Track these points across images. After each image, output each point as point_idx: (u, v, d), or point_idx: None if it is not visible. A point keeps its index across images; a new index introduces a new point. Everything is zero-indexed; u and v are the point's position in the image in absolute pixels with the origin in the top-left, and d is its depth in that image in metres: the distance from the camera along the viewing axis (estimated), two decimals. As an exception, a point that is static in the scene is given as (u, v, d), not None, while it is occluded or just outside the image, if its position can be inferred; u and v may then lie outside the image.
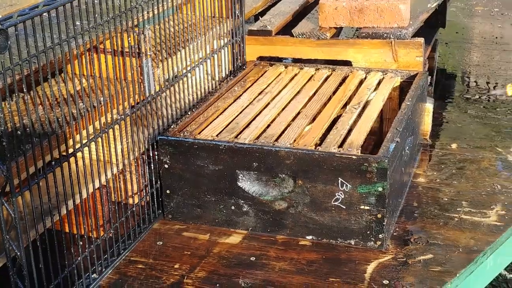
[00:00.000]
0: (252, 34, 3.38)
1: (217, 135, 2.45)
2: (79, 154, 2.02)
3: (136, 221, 2.39)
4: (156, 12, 2.41)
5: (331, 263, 2.21)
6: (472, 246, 2.28)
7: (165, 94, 2.49)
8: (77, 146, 2.01)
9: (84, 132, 2.04)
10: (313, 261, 2.23)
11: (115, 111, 2.20)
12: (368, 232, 2.26)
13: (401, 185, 2.51)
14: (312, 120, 2.58)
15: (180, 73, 2.58)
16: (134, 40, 2.26)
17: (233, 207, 2.40)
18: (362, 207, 2.24)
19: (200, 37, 2.71)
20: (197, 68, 2.72)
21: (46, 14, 1.80)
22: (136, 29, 2.28)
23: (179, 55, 2.56)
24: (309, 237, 2.34)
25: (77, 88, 2.05)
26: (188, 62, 2.64)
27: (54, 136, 1.92)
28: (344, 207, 2.26)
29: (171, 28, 2.66)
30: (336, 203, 2.27)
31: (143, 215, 2.42)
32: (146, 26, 2.30)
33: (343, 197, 2.26)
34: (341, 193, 2.25)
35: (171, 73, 2.52)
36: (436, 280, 2.11)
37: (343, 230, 2.29)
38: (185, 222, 2.47)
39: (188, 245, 2.34)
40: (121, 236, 2.30)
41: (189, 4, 2.77)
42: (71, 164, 1.97)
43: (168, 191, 2.45)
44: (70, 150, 1.98)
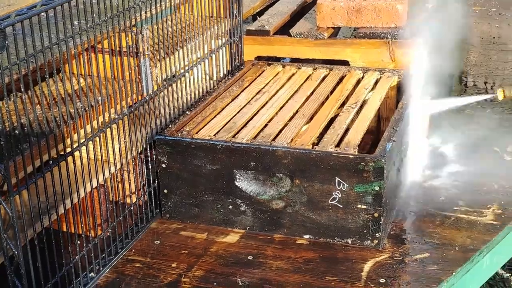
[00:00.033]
0: (250, 34, 3.39)
1: (215, 135, 2.45)
2: (77, 154, 2.02)
3: (134, 220, 2.39)
4: (154, 12, 2.41)
5: (328, 262, 2.22)
6: (469, 245, 2.29)
7: (163, 94, 2.50)
8: (75, 146, 2.01)
9: (82, 132, 2.05)
10: (310, 260, 2.24)
11: (113, 111, 2.20)
12: (365, 231, 2.27)
13: (398, 184, 2.51)
14: (310, 120, 2.59)
15: (178, 73, 2.59)
16: (132, 40, 2.26)
17: (231, 207, 2.41)
18: (359, 206, 2.25)
19: (198, 37, 2.72)
20: (195, 68, 2.72)
21: (44, 14, 1.80)
22: (134, 29, 2.28)
23: (177, 55, 2.56)
24: (306, 236, 2.35)
25: (75, 88, 2.06)
26: (186, 62, 2.64)
27: (52, 136, 1.92)
28: (341, 206, 2.27)
29: (169, 28, 2.67)
30: (333, 202, 2.28)
31: (141, 215, 2.42)
32: (144, 26, 2.31)
33: (340, 196, 2.26)
34: (338, 192, 2.26)
35: (169, 73, 2.53)
36: (433, 279, 2.12)
37: (340, 229, 2.30)
38: (183, 221, 2.47)
39: (186, 244, 2.35)
40: (119, 235, 2.31)
41: (187, 4, 2.78)
42: (69, 163, 1.98)
43: (166, 191, 2.46)
44: (68, 150, 1.99)
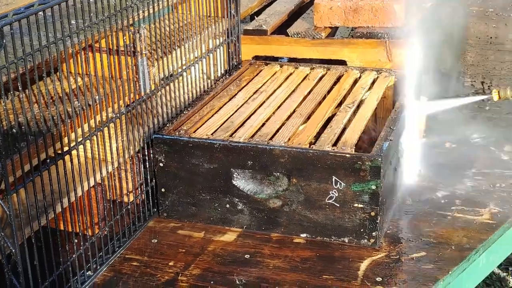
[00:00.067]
0: (248, 34, 3.40)
1: (212, 134, 2.46)
2: (74, 152, 2.03)
3: (131, 219, 2.40)
4: (152, 11, 2.42)
5: (325, 261, 2.23)
6: (465, 244, 2.29)
7: (161, 93, 2.50)
8: (72, 144, 2.02)
9: (79, 130, 2.05)
10: (307, 259, 2.24)
11: (110, 110, 2.21)
12: (362, 230, 2.28)
13: (395, 183, 2.52)
14: (307, 119, 2.59)
15: (176, 72, 2.60)
16: (130, 39, 2.27)
17: (228, 205, 2.41)
18: (356, 205, 2.26)
19: (196, 36, 2.73)
20: (193, 67, 2.73)
21: (42, 13, 1.81)
22: (132, 28, 2.29)
23: (175, 54, 2.57)
24: (303, 235, 2.36)
25: (72, 87, 2.06)
26: (184, 61, 2.65)
27: (49, 134, 1.93)
28: (338, 205, 2.28)
29: (167, 27, 2.67)
30: (330, 201, 2.29)
31: (138, 213, 2.43)
32: (142, 25, 2.31)
33: (337, 195, 2.27)
34: (335, 191, 2.27)
35: (167, 72, 2.53)
36: (429, 278, 2.12)
37: (337, 228, 2.31)
38: (180, 220, 2.48)
39: (183, 243, 2.35)
40: (116, 234, 2.31)
41: (185, 3, 2.78)
42: (66, 162, 1.98)
43: (163, 190, 2.46)
44: (65, 148, 1.99)
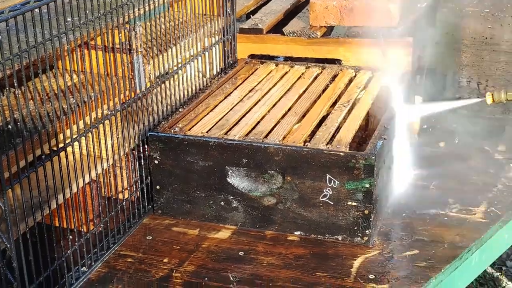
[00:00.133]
0: (244, 32, 3.40)
1: (207, 132, 2.47)
2: (69, 149, 2.04)
3: (126, 216, 2.41)
4: (148, 9, 2.43)
5: (319, 258, 2.24)
6: (458, 242, 2.31)
7: (156, 91, 2.51)
8: (68, 141, 2.03)
9: (75, 127, 2.06)
10: (301, 256, 2.26)
11: (106, 107, 2.22)
12: (355, 228, 2.29)
13: (389, 182, 2.53)
14: (302, 118, 2.61)
15: (171, 70, 2.61)
16: (125, 37, 2.28)
17: (223, 203, 2.42)
18: (350, 203, 2.27)
19: (192, 35, 2.74)
20: (188, 65, 2.74)
21: (38, 10, 1.82)
22: (127, 26, 2.30)
23: (170, 52, 2.58)
24: (297, 233, 2.37)
25: (68, 84, 2.07)
26: (179, 59, 2.66)
27: (45, 131, 1.94)
28: (332, 203, 2.29)
29: (163, 25, 2.68)
30: (324, 199, 2.30)
31: (133, 210, 2.44)
32: (137, 23, 2.32)
33: (331, 193, 2.28)
34: (329, 189, 2.28)
35: (162, 70, 2.54)
36: (421, 275, 2.14)
37: (331, 226, 2.32)
38: (175, 217, 2.49)
39: (178, 240, 2.36)
40: (111, 231, 2.32)
41: (181, 2, 2.79)
42: (62, 159, 1.99)
43: (158, 187, 2.48)
44: (61, 145, 2.00)
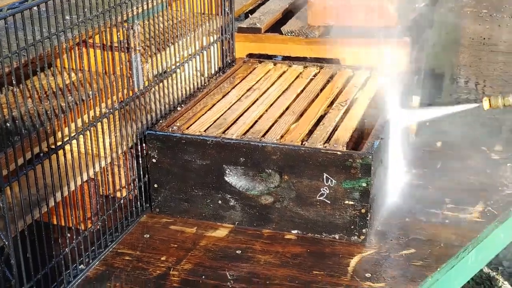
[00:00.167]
0: (242, 32, 3.42)
1: (205, 131, 2.47)
2: (68, 147, 2.05)
3: (124, 214, 2.41)
4: (146, 8, 2.44)
5: (315, 257, 2.25)
6: (454, 242, 2.32)
7: (154, 89, 2.52)
8: (66, 139, 2.03)
9: (73, 125, 2.07)
10: (298, 255, 2.26)
11: (104, 105, 2.23)
12: (352, 227, 2.30)
13: (386, 181, 2.54)
14: (299, 117, 2.61)
15: (169, 69, 2.61)
16: (123, 35, 2.28)
17: (220, 202, 2.43)
18: (347, 202, 2.28)
19: (190, 34, 2.74)
20: (186, 64, 2.74)
21: (36, 8, 1.82)
22: (126, 24, 2.30)
23: (168, 51, 2.59)
24: (295, 231, 2.38)
25: (66, 82, 2.08)
26: (177, 58, 2.67)
27: (43, 129, 1.94)
28: (329, 202, 2.30)
29: (161, 24, 2.69)
30: (321, 198, 2.31)
31: (131, 209, 2.45)
32: (136, 22, 2.33)
33: (328, 192, 2.29)
34: (326, 188, 2.29)
35: (160, 69, 2.55)
36: (418, 274, 2.15)
37: (328, 225, 2.33)
38: (172, 216, 2.50)
39: (175, 238, 2.37)
40: (109, 229, 2.33)
41: (179, 1, 2.80)
42: (60, 157, 2.00)
43: (156, 185, 2.48)
44: (59, 143, 2.01)
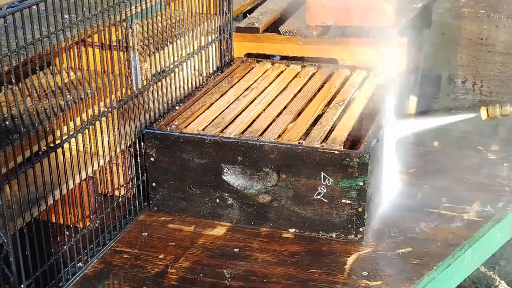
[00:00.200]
0: (240, 31, 3.43)
1: (203, 129, 2.48)
2: (66, 145, 2.06)
3: (122, 213, 2.42)
4: (144, 7, 2.45)
5: (313, 255, 2.26)
6: (450, 240, 2.33)
7: (152, 88, 2.53)
8: (64, 137, 2.04)
9: (72, 124, 2.08)
10: (295, 253, 2.27)
11: (102, 104, 2.24)
12: (349, 226, 2.31)
13: (382, 180, 2.55)
14: (297, 116, 2.62)
15: (168, 68, 2.62)
16: (122, 34, 2.29)
17: (218, 200, 2.44)
18: (344, 201, 2.29)
19: (188, 33, 2.75)
20: (185, 64, 2.75)
21: (35, 7, 1.83)
22: (124, 23, 2.31)
23: (167, 50, 2.59)
24: (292, 230, 2.39)
25: (65, 81, 2.09)
26: (176, 58, 2.68)
27: (42, 127, 1.95)
28: (326, 201, 2.31)
29: (159, 23, 2.70)
30: (319, 197, 2.32)
31: (129, 207, 2.45)
32: (134, 21, 2.34)
33: (325, 191, 2.30)
34: (324, 187, 2.30)
35: (159, 68, 2.56)
36: (414, 272, 2.16)
37: (325, 223, 2.34)
38: (171, 214, 2.51)
39: (173, 236, 2.38)
40: (107, 227, 2.34)
41: (177, 0, 2.81)
42: (58, 155, 2.01)
43: (154, 184, 2.49)
44: (58, 141, 2.01)
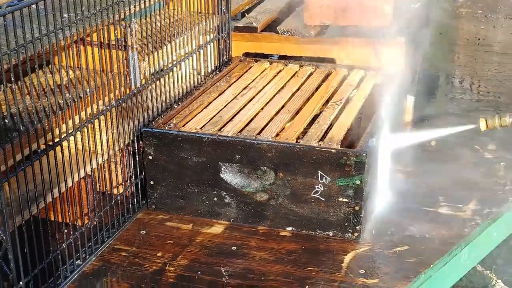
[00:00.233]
0: (238, 31, 3.44)
1: (201, 128, 2.50)
2: (65, 144, 2.06)
3: (120, 211, 2.43)
4: (143, 7, 2.46)
5: (310, 253, 2.27)
6: (447, 239, 2.34)
7: (151, 87, 2.54)
8: (63, 136, 2.05)
9: (70, 122, 2.09)
10: (293, 251, 2.29)
11: (101, 103, 2.25)
12: (346, 224, 2.32)
13: (379, 179, 2.56)
14: (295, 115, 2.64)
15: (166, 67, 2.63)
16: (121, 33, 2.30)
17: (216, 199, 2.45)
18: (341, 200, 2.30)
19: (187, 32, 2.76)
20: (183, 63, 2.77)
21: (35, 6, 1.84)
22: (123, 23, 2.32)
23: (165, 49, 2.61)
24: (289, 228, 2.40)
25: (64, 79, 2.10)
26: (174, 57, 2.69)
27: (41, 125, 1.96)
28: (323, 199, 2.32)
29: (158, 23, 2.71)
30: (316, 195, 2.33)
31: (127, 205, 2.47)
32: (133, 20, 2.35)
33: (323, 190, 2.31)
34: (321, 186, 2.31)
35: (157, 67, 2.57)
36: (411, 271, 2.17)
37: (322, 222, 2.35)
38: (169, 213, 2.52)
39: (171, 235, 2.39)
40: (105, 225, 2.35)
41: (176, 0, 2.82)
42: (57, 153, 2.02)
43: (152, 182, 2.50)
44: (56, 139, 2.03)
